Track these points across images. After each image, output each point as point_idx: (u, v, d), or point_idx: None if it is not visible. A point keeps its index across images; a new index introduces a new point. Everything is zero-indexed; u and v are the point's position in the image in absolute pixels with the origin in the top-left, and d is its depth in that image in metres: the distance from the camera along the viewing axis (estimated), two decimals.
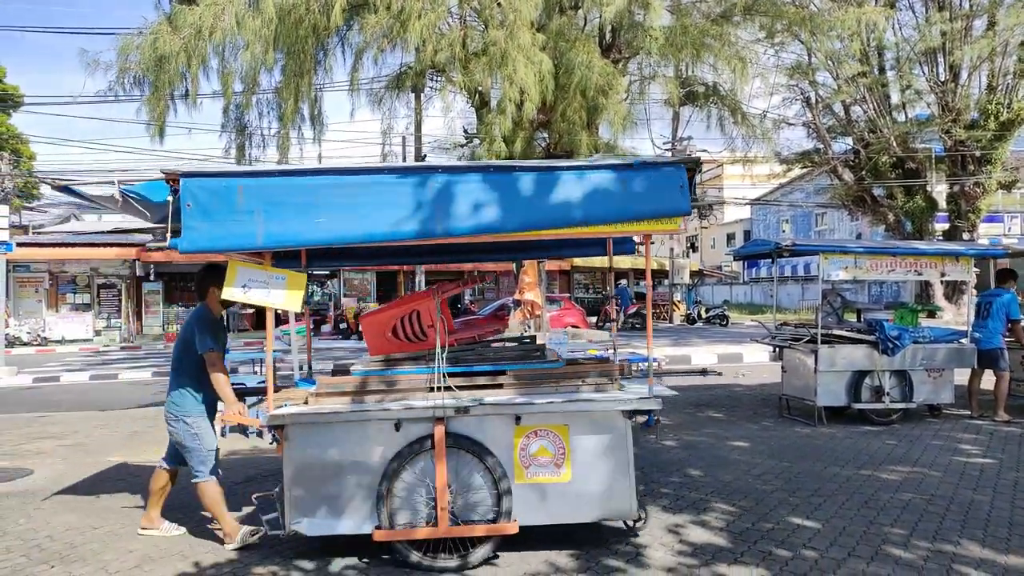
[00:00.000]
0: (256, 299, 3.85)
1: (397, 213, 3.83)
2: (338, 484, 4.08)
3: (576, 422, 4.17)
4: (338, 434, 4.08)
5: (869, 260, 8.15)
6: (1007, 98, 17.51)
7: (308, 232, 3.78)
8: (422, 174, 3.92)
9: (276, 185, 3.81)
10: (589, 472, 4.17)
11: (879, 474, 5.97)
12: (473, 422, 4.11)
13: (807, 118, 21.39)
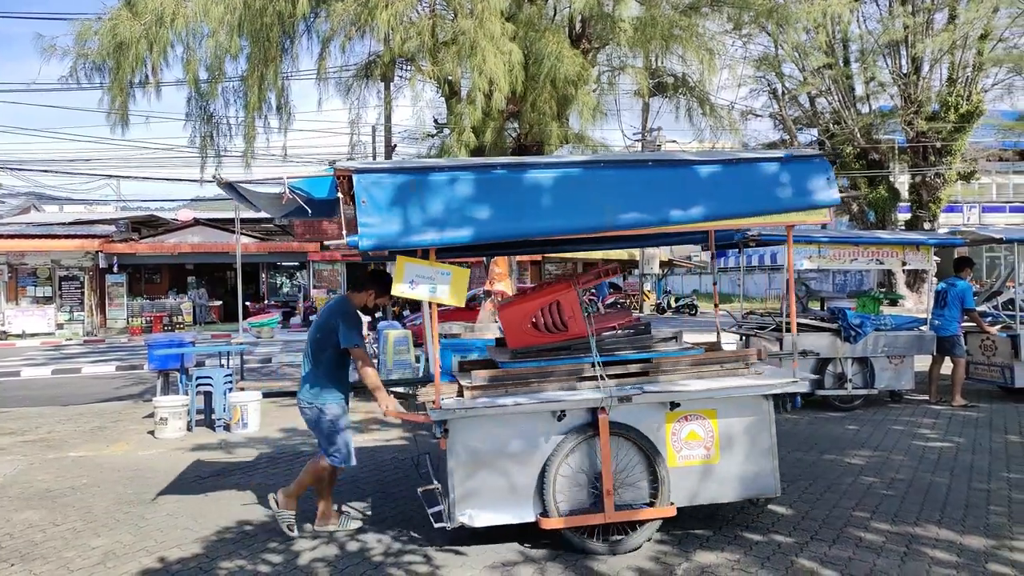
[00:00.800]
0: (422, 294, 3.80)
1: (569, 206, 3.86)
2: (501, 475, 4.08)
3: (724, 406, 4.30)
4: (501, 426, 4.09)
5: (833, 249, 8.30)
6: (966, 90, 17.92)
7: (481, 228, 3.74)
8: (590, 168, 3.96)
9: (446, 181, 3.78)
10: (736, 453, 4.32)
11: (842, 459, 6.11)
12: (629, 409, 4.17)
13: (774, 109, 21.69)
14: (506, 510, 4.09)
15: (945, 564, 3.90)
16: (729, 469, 4.31)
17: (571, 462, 4.12)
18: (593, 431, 4.10)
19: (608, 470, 4.07)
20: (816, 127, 21.24)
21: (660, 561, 4.03)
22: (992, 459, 5.99)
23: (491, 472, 4.07)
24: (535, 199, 3.83)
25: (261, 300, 28.26)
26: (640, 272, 32.84)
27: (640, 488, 4.20)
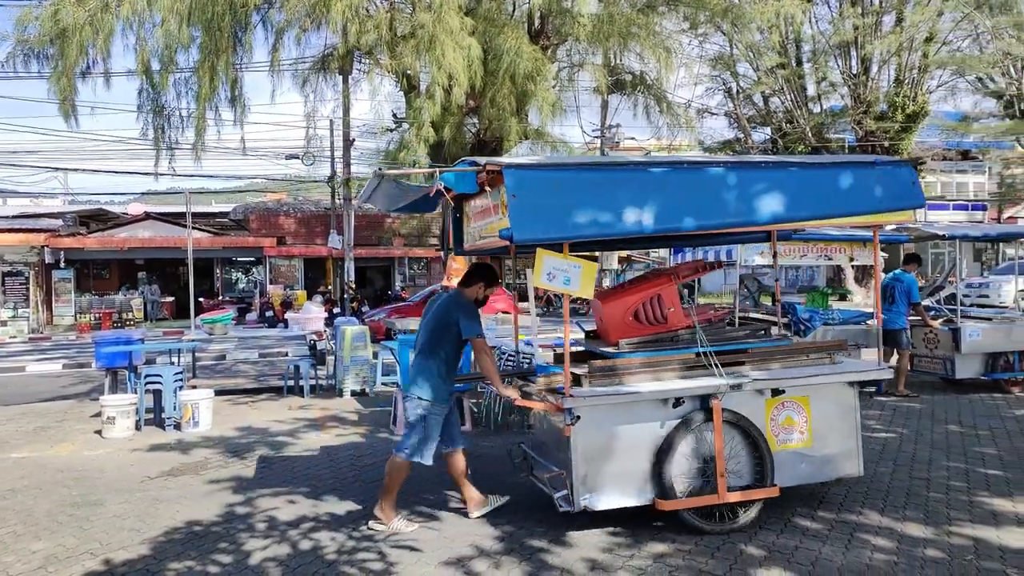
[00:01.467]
0: (558, 286, 3.96)
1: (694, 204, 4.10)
2: (620, 460, 4.23)
3: (816, 392, 4.57)
4: (620, 413, 4.23)
5: (784, 245, 8.49)
6: (913, 91, 18.49)
7: (617, 224, 3.96)
8: (719, 168, 4.25)
9: (586, 178, 4.03)
10: (826, 437, 4.59)
11: None
12: (735, 396, 4.35)
13: (729, 108, 22.05)
14: (623, 493, 4.26)
15: (885, 551, 4.04)
16: (821, 451, 4.59)
17: (684, 447, 4.30)
18: (705, 417, 4.28)
19: (721, 453, 4.26)
20: (770, 126, 21.66)
21: (612, 552, 4.08)
22: (932, 449, 6.20)
23: (610, 457, 4.21)
24: (665, 197, 4.06)
25: (216, 296, 27.68)
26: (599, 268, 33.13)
27: (745, 471, 4.41)
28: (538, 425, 5.03)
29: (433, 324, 4.59)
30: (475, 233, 5.01)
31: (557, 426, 4.36)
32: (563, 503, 4.18)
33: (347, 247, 22.59)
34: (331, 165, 26.34)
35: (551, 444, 4.62)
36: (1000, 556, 3.93)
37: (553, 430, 4.55)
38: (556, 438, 4.41)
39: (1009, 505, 4.73)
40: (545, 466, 4.56)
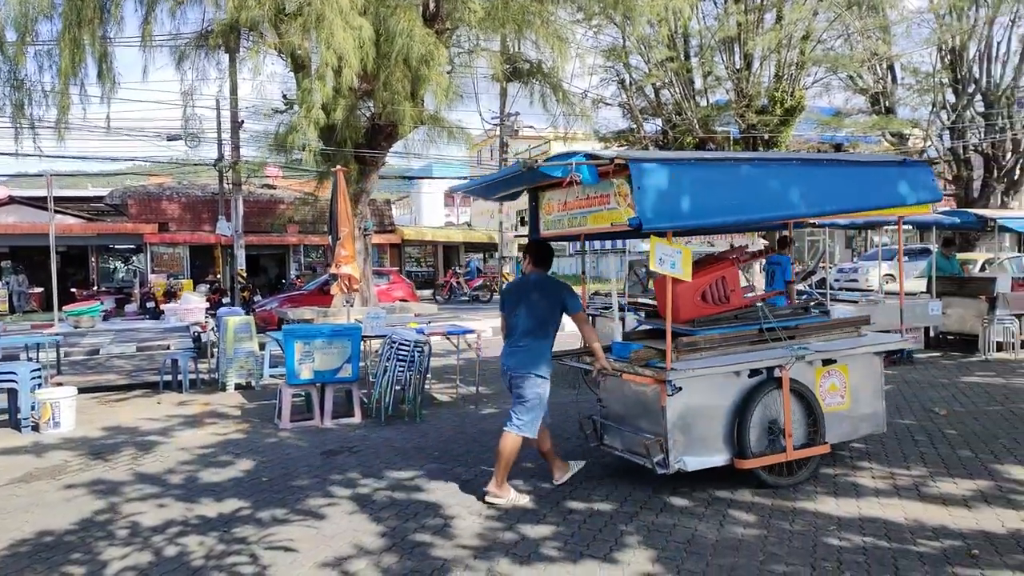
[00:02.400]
0: (666, 270, 4.32)
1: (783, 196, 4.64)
2: (706, 425, 4.66)
3: (852, 361, 5.18)
4: (707, 383, 4.66)
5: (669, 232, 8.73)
6: (791, 87, 19.48)
7: (729, 212, 4.52)
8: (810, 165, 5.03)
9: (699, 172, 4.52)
10: (860, 400, 5.23)
11: None
12: (797, 366, 4.86)
13: (622, 99, 22.52)
14: (708, 455, 4.68)
15: (755, 526, 4.21)
16: (856, 412, 5.23)
17: (757, 412, 4.75)
18: (774, 385, 4.78)
19: (789, 416, 4.78)
20: (660, 117, 22.28)
21: (486, 537, 4.05)
22: None
23: (697, 423, 4.64)
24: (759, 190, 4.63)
25: (91, 286, 25.78)
26: (499, 255, 33.21)
27: (801, 432, 4.92)
28: (612, 398, 5.27)
29: (541, 307, 4.78)
30: (563, 221, 5.34)
31: (643, 397, 4.82)
32: (660, 467, 4.54)
33: (236, 234, 21.56)
34: (218, 147, 25.03)
35: (633, 414, 5.00)
36: (859, 526, 4.17)
37: (636, 401, 4.95)
38: (640, 408, 4.88)
39: (869, 478, 5.04)
40: (623, 434, 5.05)
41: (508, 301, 5.00)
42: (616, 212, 4.57)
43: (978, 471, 5.06)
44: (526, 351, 4.74)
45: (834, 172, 5.08)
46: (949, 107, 24.02)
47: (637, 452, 4.81)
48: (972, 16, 21.96)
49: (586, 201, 4.97)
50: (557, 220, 5.41)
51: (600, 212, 4.81)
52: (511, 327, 4.89)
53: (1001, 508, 4.31)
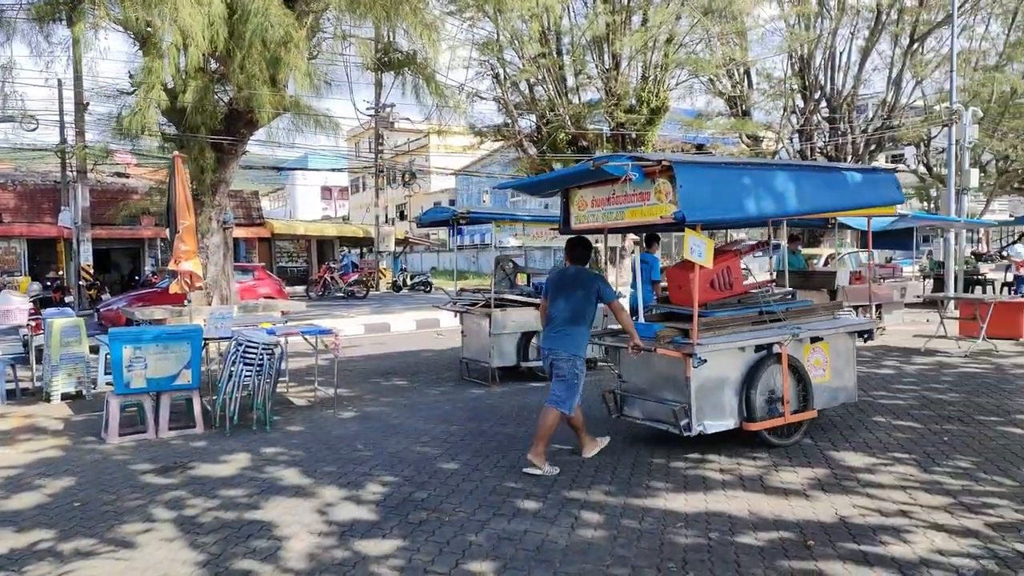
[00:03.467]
0: (695, 258, 4.88)
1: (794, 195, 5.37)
2: (720, 394, 5.34)
3: (833, 340, 6.00)
4: (723, 357, 5.32)
5: (536, 228, 8.67)
6: (656, 88, 20.16)
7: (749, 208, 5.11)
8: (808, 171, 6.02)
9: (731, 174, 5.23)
10: (837, 373, 6.06)
11: (534, 430, 6.34)
12: (792, 343, 5.61)
13: (497, 93, 22.47)
14: (723, 420, 5.35)
15: (600, 526, 4.13)
16: (835, 383, 6.04)
17: (759, 383, 5.43)
18: (774, 359, 5.51)
19: (787, 386, 5.52)
20: (535, 113, 22.44)
21: (317, 559, 3.73)
22: None
23: (714, 392, 5.31)
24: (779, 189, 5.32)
25: None
26: (376, 250, 32.40)
27: (795, 399, 5.67)
28: (633, 373, 5.90)
29: (578, 296, 5.24)
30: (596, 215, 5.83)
31: (667, 370, 5.45)
32: (685, 430, 5.19)
33: (77, 226, 19.67)
34: (60, 131, 22.73)
35: (656, 386, 5.65)
36: (706, 522, 4.20)
37: (659, 374, 5.60)
38: (664, 380, 5.54)
39: (717, 471, 5.14)
40: (644, 404, 5.73)
41: (550, 291, 5.48)
42: (658, 207, 5.11)
43: (816, 458, 5.28)
44: (565, 335, 5.24)
45: (826, 177, 5.94)
46: (798, 112, 25.79)
47: (658, 419, 5.57)
48: (818, 27, 23.64)
49: (624, 197, 5.45)
50: (591, 214, 5.93)
51: (639, 207, 5.36)
52: (551, 315, 5.37)
53: (836, 495, 4.48)
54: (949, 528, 3.89)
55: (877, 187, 5.94)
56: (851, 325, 6.30)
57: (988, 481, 4.64)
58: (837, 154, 25.26)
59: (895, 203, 6.17)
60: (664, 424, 5.47)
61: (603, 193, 5.70)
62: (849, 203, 5.89)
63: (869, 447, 5.54)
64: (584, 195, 5.96)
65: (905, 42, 24.01)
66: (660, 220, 5.17)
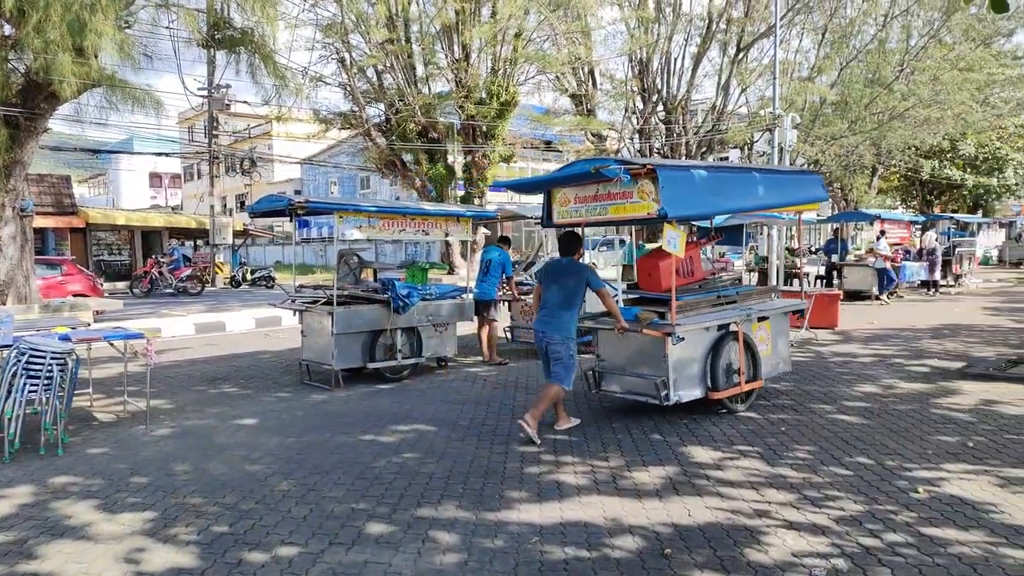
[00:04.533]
0: (672, 249, 5.60)
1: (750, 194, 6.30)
2: (690, 367, 6.09)
3: (774, 318, 6.91)
4: (693, 335, 6.04)
5: (382, 220, 8.15)
6: (506, 82, 20.17)
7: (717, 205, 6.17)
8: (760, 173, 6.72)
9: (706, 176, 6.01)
10: (775, 347, 6.99)
11: (381, 438, 5.88)
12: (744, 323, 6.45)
13: (343, 79, 21.49)
14: (692, 390, 6.11)
15: (450, 548, 3.78)
16: (774, 356, 7.02)
17: (719, 357, 6.21)
18: (732, 336, 6.34)
19: (742, 359, 6.38)
20: (383, 102, 21.71)
21: None
22: (512, 420, 6.41)
23: (686, 366, 6.05)
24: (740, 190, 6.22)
25: None
26: (212, 242, 30.01)
27: (748, 370, 6.50)
28: (611, 352, 6.54)
29: (571, 284, 5.84)
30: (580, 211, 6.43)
31: (645, 348, 6.10)
32: (664, 400, 5.90)
33: None
34: None
35: (634, 363, 6.32)
36: (561, 533, 3.96)
37: (638, 352, 6.23)
38: (642, 357, 6.19)
39: (572, 474, 4.94)
40: (622, 379, 6.44)
41: (544, 279, 6.12)
42: (641, 204, 5.77)
43: (667, 456, 5.25)
44: (559, 320, 5.83)
45: (772, 179, 6.78)
46: (638, 113, 26.93)
47: (637, 392, 6.27)
48: (656, 32, 24.76)
49: (607, 196, 6.08)
50: (573, 211, 6.51)
51: (623, 204, 5.97)
52: (545, 300, 5.97)
53: (688, 496, 4.42)
54: (799, 525, 3.91)
55: (808, 187, 6.98)
56: (788, 306, 7.27)
57: (826, 472, 4.79)
58: (672, 154, 26.66)
59: (820, 200, 7.09)
60: (643, 396, 6.18)
61: (587, 191, 6.27)
62: (789, 200, 6.89)
63: (715, 440, 5.61)
64: (567, 193, 6.53)
65: (732, 51, 25.74)
66: (646, 215, 5.80)
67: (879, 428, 5.84)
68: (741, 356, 6.36)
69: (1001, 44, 34.68)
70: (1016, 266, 30.81)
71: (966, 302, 16.22)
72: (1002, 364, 8.34)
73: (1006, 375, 7.78)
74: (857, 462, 4.97)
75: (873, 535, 3.75)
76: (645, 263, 6.78)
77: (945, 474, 4.66)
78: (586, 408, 6.79)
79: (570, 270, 5.94)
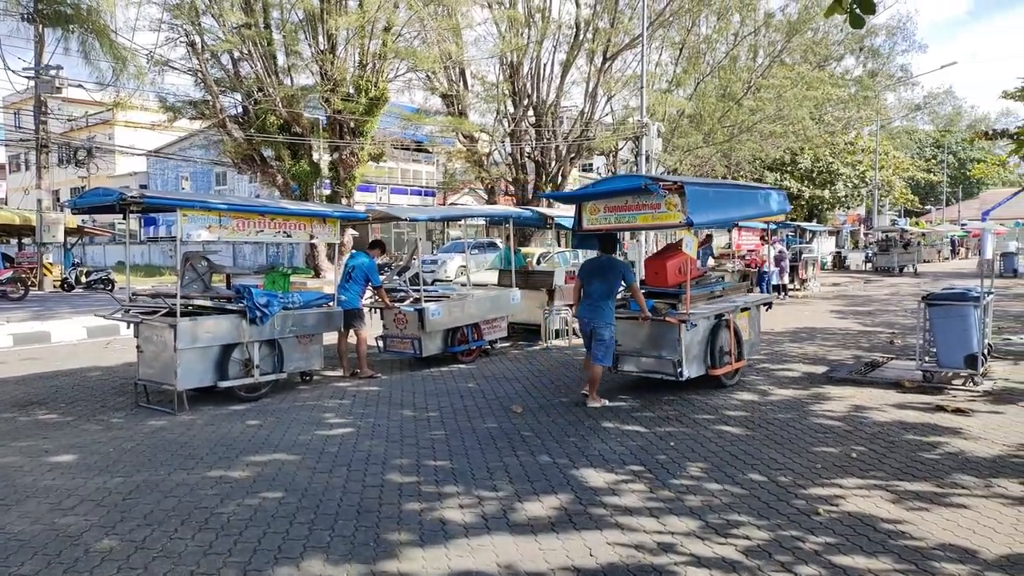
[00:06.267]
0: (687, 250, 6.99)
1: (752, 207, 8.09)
2: (696, 349, 7.29)
3: (752, 308, 8.44)
4: (699, 322, 7.27)
5: (236, 219, 7.23)
6: (375, 77, 19.29)
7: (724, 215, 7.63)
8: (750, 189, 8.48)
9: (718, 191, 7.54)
10: (752, 332, 8.41)
11: (232, 472, 5.06)
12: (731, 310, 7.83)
13: (194, 64, 19.70)
14: (698, 368, 7.31)
15: None
16: (751, 341, 8.38)
17: (715, 340, 7.47)
18: (724, 324, 7.58)
19: (732, 343, 7.68)
20: (240, 92, 20.13)
21: None
22: (387, 444, 5.79)
23: (692, 348, 7.22)
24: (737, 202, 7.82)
25: None
26: (39, 241, 26.63)
27: (735, 352, 7.74)
28: (628, 338, 7.40)
29: (609, 278, 7.00)
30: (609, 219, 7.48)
31: (661, 333, 7.18)
32: (679, 376, 7.03)
33: None
34: None
35: (650, 346, 7.33)
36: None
37: (653, 337, 7.28)
38: (657, 341, 7.25)
39: (456, 509, 4.42)
40: (639, 360, 7.46)
41: (586, 274, 7.16)
42: (668, 215, 6.87)
43: (559, 481, 4.84)
44: (603, 308, 6.90)
45: (758, 193, 8.21)
46: (509, 116, 26.83)
47: (652, 370, 7.39)
48: (526, 35, 24.74)
49: (637, 206, 7.18)
50: (602, 218, 7.54)
51: (651, 214, 7.06)
52: (589, 292, 7.01)
53: (587, 531, 4.01)
54: (709, 562, 3.59)
55: (778, 200, 8.28)
56: (761, 299, 9.11)
57: (723, 492, 4.57)
58: (543, 159, 26.82)
59: (786, 211, 8.43)
60: (659, 374, 7.31)
61: (618, 202, 7.37)
62: (767, 211, 8.26)
63: (606, 460, 5.28)
64: (598, 203, 7.57)
65: (599, 61, 26.25)
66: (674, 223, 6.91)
67: (764, 440, 5.77)
68: (731, 340, 7.65)
69: (833, 67, 38.14)
70: (846, 270, 33.71)
71: (813, 305, 17.29)
72: (861, 368, 8.73)
73: (867, 379, 8.11)
74: (751, 479, 4.80)
75: (785, 569, 3.50)
76: (653, 263, 7.99)
77: (838, 490, 4.57)
78: (469, 430, 6.29)
79: (610, 266, 7.10)
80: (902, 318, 14.29)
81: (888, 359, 9.27)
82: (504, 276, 11.67)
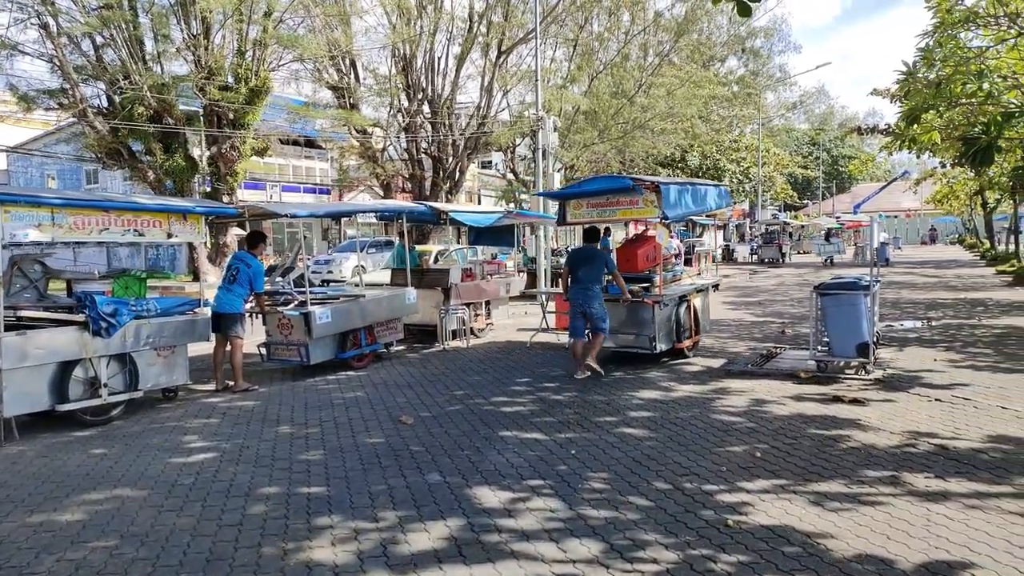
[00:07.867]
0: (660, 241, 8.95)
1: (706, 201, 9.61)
2: (665, 325, 8.55)
3: (704, 291, 9.92)
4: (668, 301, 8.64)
5: (73, 216, 6.26)
6: (256, 66, 18.06)
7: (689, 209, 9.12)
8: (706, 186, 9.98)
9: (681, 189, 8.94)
10: (704, 312, 9.79)
11: (59, 516, 4.22)
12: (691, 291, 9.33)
13: (48, 49, 17.76)
14: (667, 343, 8.62)
15: None
16: (704, 319, 9.86)
17: (678, 317, 8.84)
18: (685, 304, 9.01)
19: (691, 319, 9.12)
20: (103, 80, 18.35)
21: None
22: (255, 469, 5.08)
23: (663, 324, 8.48)
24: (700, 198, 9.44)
25: None
26: None
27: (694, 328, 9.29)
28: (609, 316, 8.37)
29: (595, 265, 8.10)
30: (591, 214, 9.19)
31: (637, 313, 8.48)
32: (652, 350, 8.41)
33: None
34: None
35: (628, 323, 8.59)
36: None
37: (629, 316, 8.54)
38: (634, 319, 8.53)
39: (328, 547, 3.81)
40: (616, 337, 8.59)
41: (572, 263, 8.25)
42: (645, 209, 8.65)
43: (449, 504, 4.31)
44: (592, 291, 8.02)
45: (712, 190, 9.85)
46: (404, 110, 26.01)
47: (629, 345, 8.59)
48: (419, 26, 24.01)
49: (617, 202, 8.88)
50: (585, 213, 9.19)
51: (629, 209, 8.82)
52: (579, 277, 8.08)
53: (477, 564, 3.51)
54: None
55: (726, 196, 9.99)
56: (712, 282, 10.96)
57: (627, 505, 4.18)
58: (440, 154, 26.17)
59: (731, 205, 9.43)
60: (636, 348, 8.55)
61: (600, 199, 9.01)
62: (716, 205, 9.79)
63: (502, 476, 4.80)
64: (581, 200, 9.22)
65: (494, 55, 25.88)
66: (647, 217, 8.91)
67: (667, 442, 5.47)
68: (691, 317, 9.04)
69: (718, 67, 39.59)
70: (734, 262, 35.02)
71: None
72: (757, 359, 8.71)
73: (764, 371, 8.05)
74: (656, 488, 4.45)
75: None
76: (624, 251, 9.39)
77: (746, 496, 4.29)
78: (352, 448, 5.66)
79: (595, 254, 8.18)
80: (791, 307, 14.69)
81: (782, 349, 9.32)
82: (398, 275, 11.01)
